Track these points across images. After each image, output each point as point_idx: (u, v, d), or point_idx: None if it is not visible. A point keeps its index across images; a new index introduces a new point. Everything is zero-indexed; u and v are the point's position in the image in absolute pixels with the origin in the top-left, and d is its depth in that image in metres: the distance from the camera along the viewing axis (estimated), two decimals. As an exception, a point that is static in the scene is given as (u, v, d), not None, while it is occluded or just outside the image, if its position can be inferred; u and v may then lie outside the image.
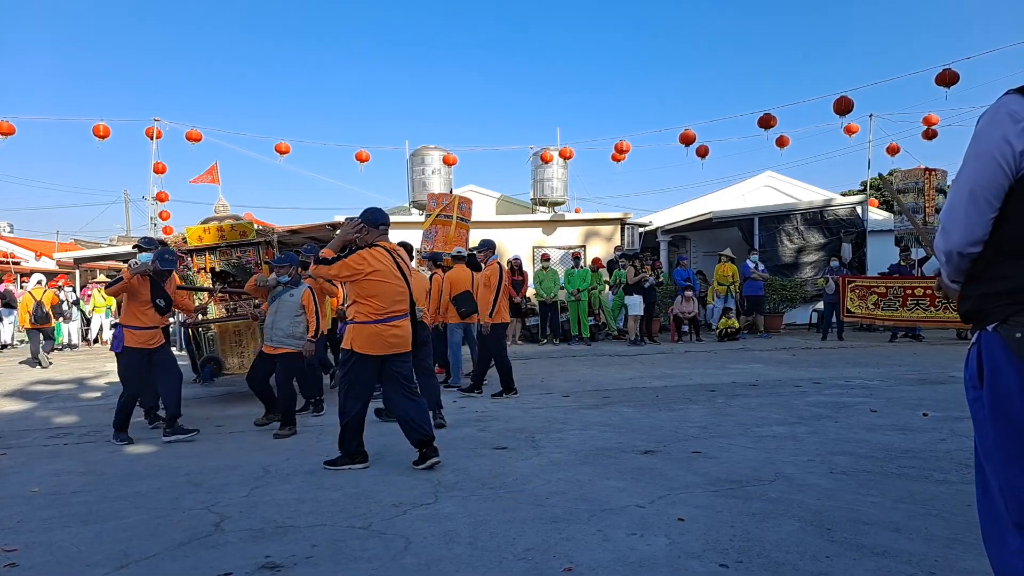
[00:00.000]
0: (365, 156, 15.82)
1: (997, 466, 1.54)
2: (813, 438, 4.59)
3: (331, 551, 2.78)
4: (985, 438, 1.58)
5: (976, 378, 1.59)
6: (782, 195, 18.86)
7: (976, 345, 1.60)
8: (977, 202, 1.53)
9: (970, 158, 1.56)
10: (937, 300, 10.20)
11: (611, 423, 5.25)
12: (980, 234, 1.55)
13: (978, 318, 1.60)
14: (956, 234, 1.59)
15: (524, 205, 18.28)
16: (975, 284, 1.60)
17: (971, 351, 1.63)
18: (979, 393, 1.59)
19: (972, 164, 1.55)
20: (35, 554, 2.86)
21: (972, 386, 1.62)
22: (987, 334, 1.56)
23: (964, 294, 1.65)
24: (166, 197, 15.49)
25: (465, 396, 6.85)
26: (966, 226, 1.56)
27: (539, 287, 11.91)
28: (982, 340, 1.58)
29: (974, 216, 1.54)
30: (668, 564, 2.55)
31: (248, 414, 6.31)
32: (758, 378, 7.57)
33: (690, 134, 14.16)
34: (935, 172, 11.73)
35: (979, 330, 1.60)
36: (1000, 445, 1.53)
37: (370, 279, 3.99)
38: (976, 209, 1.53)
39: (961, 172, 1.59)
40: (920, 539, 2.73)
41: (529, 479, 3.75)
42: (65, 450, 4.98)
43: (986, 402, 1.55)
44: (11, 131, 13.00)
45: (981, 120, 1.56)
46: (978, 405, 1.60)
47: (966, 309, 1.64)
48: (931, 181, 11.63)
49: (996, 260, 1.54)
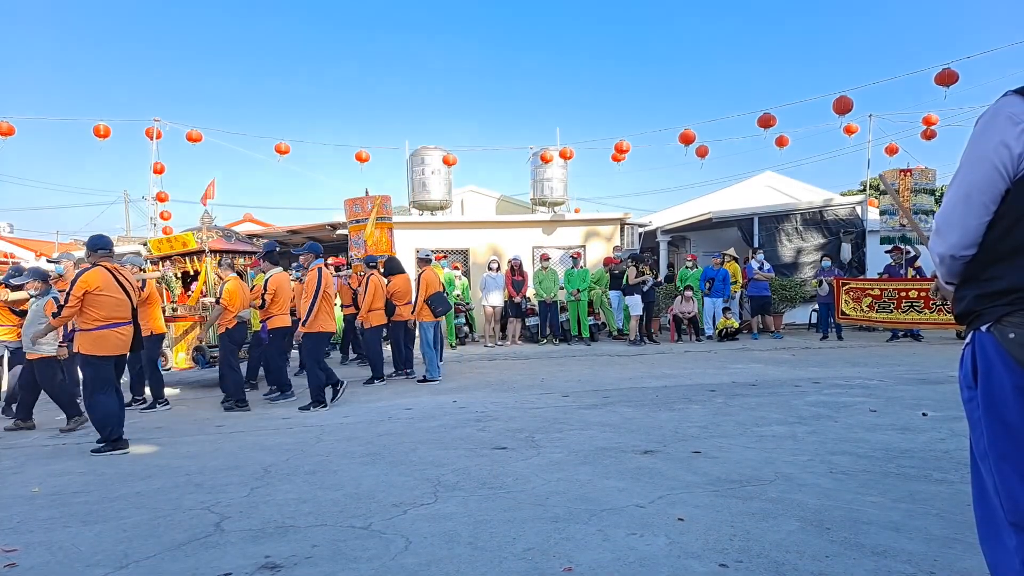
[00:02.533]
0: (365, 156, 15.80)
1: (992, 465, 1.54)
2: (813, 438, 4.59)
3: (331, 551, 2.78)
4: (980, 438, 1.58)
5: (971, 378, 1.60)
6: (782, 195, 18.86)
7: (970, 345, 1.61)
8: (973, 205, 1.53)
9: (967, 161, 1.56)
10: (932, 302, 10.20)
11: (611, 423, 5.26)
12: (975, 237, 1.55)
13: (972, 318, 1.60)
14: (952, 236, 1.59)
15: (524, 205, 18.27)
16: (969, 285, 1.60)
17: (965, 351, 1.64)
18: (974, 393, 1.59)
19: (969, 167, 1.55)
20: (35, 554, 2.87)
21: (967, 386, 1.62)
22: (981, 334, 1.56)
23: (958, 295, 1.65)
24: (166, 197, 15.47)
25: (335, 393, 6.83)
26: (962, 229, 1.56)
27: (539, 287, 11.91)
28: (976, 340, 1.58)
29: (970, 219, 1.54)
30: (668, 564, 2.55)
31: (248, 414, 6.32)
32: (758, 378, 7.57)
33: (690, 134, 14.14)
34: (911, 172, 11.54)
35: (973, 330, 1.60)
36: (994, 444, 1.53)
37: (94, 294, 4.93)
38: (972, 212, 1.53)
39: (958, 174, 1.58)
40: (919, 538, 2.74)
41: (529, 479, 3.75)
42: (65, 450, 4.99)
43: (980, 402, 1.56)
44: (11, 131, 12.99)
45: (980, 121, 1.56)
46: (972, 405, 1.60)
47: (960, 310, 1.64)
48: (905, 182, 11.45)
49: (990, 261, 1.54)
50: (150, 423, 5.97)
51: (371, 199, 9.75)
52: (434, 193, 15.10)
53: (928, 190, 11.61)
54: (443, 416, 5.77)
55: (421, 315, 7.98)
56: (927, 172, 11.58)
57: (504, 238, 14.40)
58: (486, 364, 9.75)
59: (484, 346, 12.06)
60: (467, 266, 14.09)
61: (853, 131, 14.10)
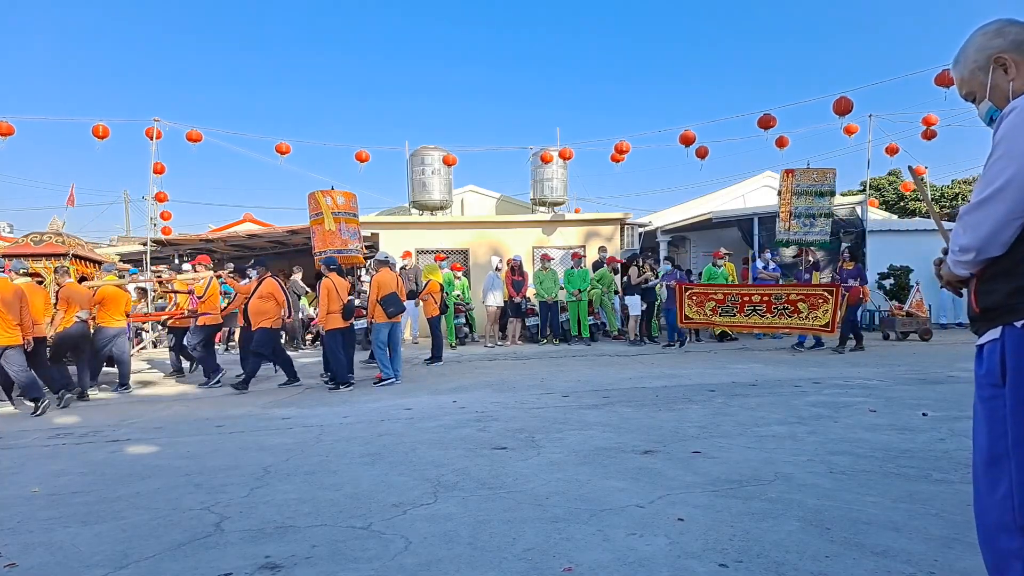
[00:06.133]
0: (365, 156, 15.79)
1: (1013, 465, 1.50)
2: (813, 438, 4.59)
3: (331, 551, 2.78)
4: (1001, 437, 1.53)
5: (997, 375, 1.54)
6: (782, 195, 18.81)
7: (999, 341, 1.55)
8: (1009, 202, 1.49)
9: (1003, 156, 1.51)
10: (773, 307, 10.20)
11: (611, 423, 5.25)
12: (1008, 235, 1.51)
13: (1002, 313, 1.55)
14: (983, 229, 1.54)
15: (524, 205, 18.28)
16: (1004, 279, 1.55)
17: (989, 347, 1.58)
18: (999, 391, 1.54)
19: (1005, 162, 1.50)
20: (35, 554, 2.86)
21: (991, 383, 1.57)
22: (1014, 329, 1.51)
23: (985, 288, 1.60)
24: (166, 197, 15.42)
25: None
26: (993, 223, 1.52)
27: (539, 287, 11.91)
28: (1007, 336, 1.53)
29: (1004, 216, 1.50)
30: (668, 564, 2.55)
31: (248, 414, 6.31)
32: (758, 378, 7.57)
33: (690, 135, 14.14)
34: (793, 173, 11.03)
35: (1003, 325, 1.54)
36: (1020, 444, 1.49)
37: None
38: (1008, 209, 1.49)
39: (992, 171, 1.53)
40: (919, 539, 2.74)
41: (529, 479, 3.75)
42: (65, 450, 4.98)
43: (1009, 399, 1.51)
44: (10, 131, 12.98)
45: (1011, 116, 1.52)
46: (997, 403, 1.54)
47: (988, 304, 1.59)
48: (788, 183, 11.06)
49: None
50: (149, 423, 5.97)
51: (333, 194, 9.54)
52: (434, 193, 15.11)
53: (822, 192, 11.00)
54: (443, 416, 5.77)
55: (375, 316, 8.18)
56: (825, 173, 11.04)
57: (504, 238, 14.39)
58: (486, 364, 9.75)
59: (484, 346, 12.06)
60: (467, 266, 14.09)
61: (853, 131, 14.09)
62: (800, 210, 10.97)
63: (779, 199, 11.46)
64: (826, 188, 11.05)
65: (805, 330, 10.23)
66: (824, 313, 9.87)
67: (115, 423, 6.00)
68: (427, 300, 10.05)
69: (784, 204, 11.15)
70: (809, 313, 9.98)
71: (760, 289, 10.64)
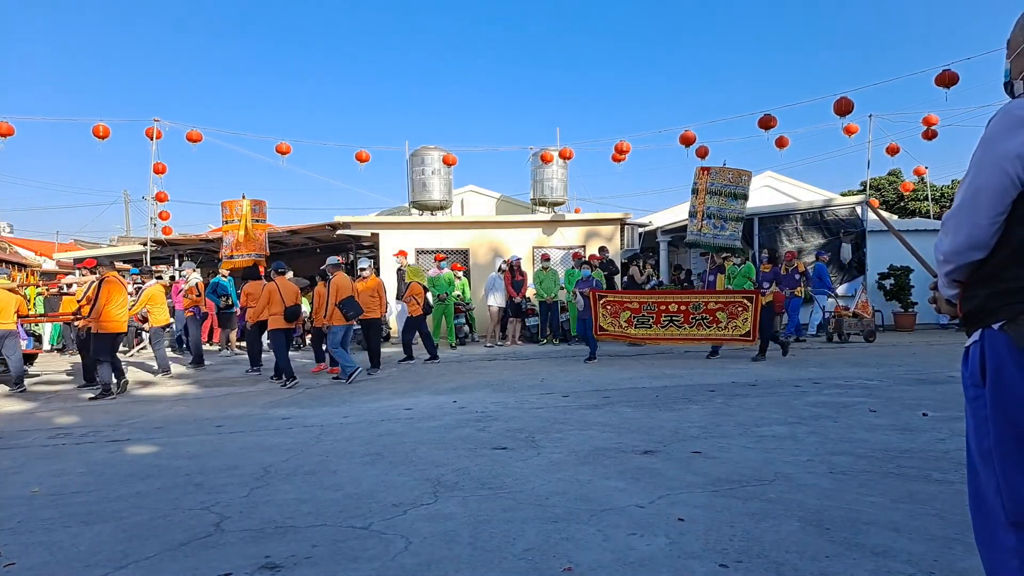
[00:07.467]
0: (365, 156, 15.79)
1: (996, 463, 1.54)
2: (813, 438, 4.59)
3: (331, 551, 2.78)
4: (985, 436, 1.57)
5: (978, 376, 1.59)
6: (782, 195, 18.87)
7: (979, 343, 1.59)
8: (982, 208, 1.53)
9: (977, 163, 1.55)
10: (691, 316, 9.69)
11: (611, 423, 5.25)
12: (985, 239, 1.54)
13: (982, 316, 1.59)
14: (960, 236, 1.58)
15: (524, 205, 18.28)
16: (983, 285, 1.59)
17: (972, 349, 1.63)
18: (980, 391, 1.58)
19: (979, 170, 1.54)
20: (35, 554, 2.86)
21: (973, 384, 1.61)
22: (992, 332, 1.55)
23: (968, 294, 1.64)
24: (166, 197, 15.43)
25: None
26: (970, 229, 1.55)
27: (539, 287, 11.91)
28: (986, 338, 1.57)
29: (980, 219, 1.54)
30: (668, 564, 2.55)
31: (248, 414, 6.31)
32: (758, 378, 7.57)
33: (690, 135, 14.14)
34: (709, 171, 10.77)
35: (982, 328, 1.58)
36: (1000, 442, 1.52)
37: None
38: (982, 214, 1.53)
39: (968, 176, 1.58)
40: (919, 539, 2.74)
41: (529, 479, 3.75)
42: (65, 450, 4.98)
43: (988, 400, 1.55)
44: (10, 132, 12.98)
45: (992, 123, 1.56)
46: (979, 403, 1.59)
47: (970, 308, 1.63)
48: (703, 181, 10.75)
49: (1010, 261, 1.53)
50: (149, 423, 5.97)
51: (242, 203, 10.61)
52: (434, 193, 15.10)
53: (736, 194, 10.65)
54: (443, 416, 5.77)
55: (332, 319, 8.31)
56: (741, 174, 10.74)
57: (504, 238, 14.39)
58: (486, 364, 9.75)
59: (484, 346, 12.06)
60: (467, 266, 14.09)
61: (853, 131, 14.10)
62: (712, 210, 10.66)
63: (693, 197, 11.00)
64: (740, 191, 10.70)
65: (725, 340, 9.67)
66: (744, 322, 9.40)
67: (115, 423, 6.00)
68: (410, 302, 10.08)
69: (699, 203, 10.75)
70: (729, 322, 9.49)
71: (677, 297, 10.15)
